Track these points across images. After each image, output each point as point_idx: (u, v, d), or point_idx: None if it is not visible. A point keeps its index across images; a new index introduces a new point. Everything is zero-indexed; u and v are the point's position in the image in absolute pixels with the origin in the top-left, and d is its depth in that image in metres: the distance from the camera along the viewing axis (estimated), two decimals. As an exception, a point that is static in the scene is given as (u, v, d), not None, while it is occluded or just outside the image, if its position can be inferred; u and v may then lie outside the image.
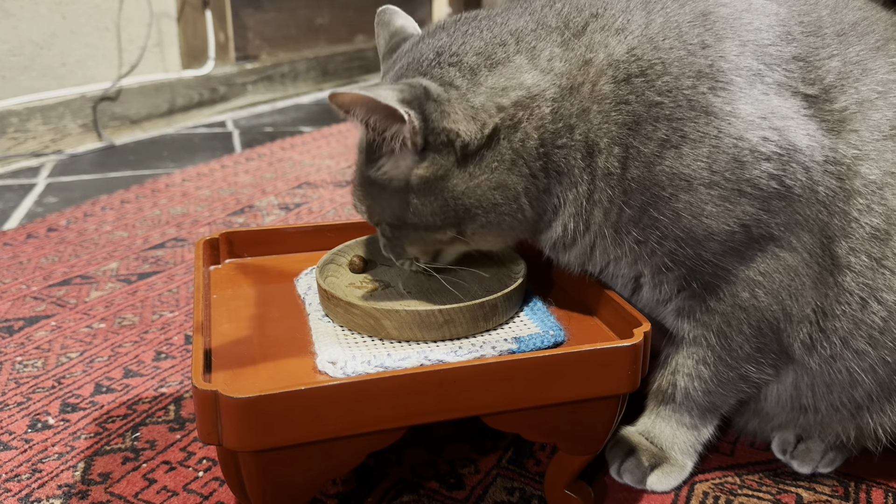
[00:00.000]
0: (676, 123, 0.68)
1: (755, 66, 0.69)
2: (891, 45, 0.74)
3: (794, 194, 0.69)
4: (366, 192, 0.74)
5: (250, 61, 2.91)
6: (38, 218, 1.69)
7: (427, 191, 0.70)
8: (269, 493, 0.63)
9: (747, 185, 0.68)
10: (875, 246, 0.71)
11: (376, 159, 0.71)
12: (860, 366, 0.75)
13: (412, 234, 0.74)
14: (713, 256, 0.72)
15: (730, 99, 0.68)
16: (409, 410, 0.62)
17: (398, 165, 0.70)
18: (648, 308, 0.79)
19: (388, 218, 0.74)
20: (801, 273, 0.72)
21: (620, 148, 0.69)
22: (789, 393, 0.81)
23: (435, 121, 0.67)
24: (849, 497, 0.83)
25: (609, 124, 0.69)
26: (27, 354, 1.10)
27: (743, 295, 0.73)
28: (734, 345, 0.76)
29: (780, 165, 0.68)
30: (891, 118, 0.71)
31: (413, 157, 0.69)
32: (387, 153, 0.70)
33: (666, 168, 0.68)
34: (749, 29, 0.70)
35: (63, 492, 0.82)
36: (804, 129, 0.69)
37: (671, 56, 0.68)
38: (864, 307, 0.73)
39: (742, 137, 0.67)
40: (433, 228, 0.72)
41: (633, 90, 0.68)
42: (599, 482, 0.84)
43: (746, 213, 0.69)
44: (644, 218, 0.71)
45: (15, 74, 2.13)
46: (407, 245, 0.76)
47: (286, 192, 1.85)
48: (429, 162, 0.69)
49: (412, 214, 0.72)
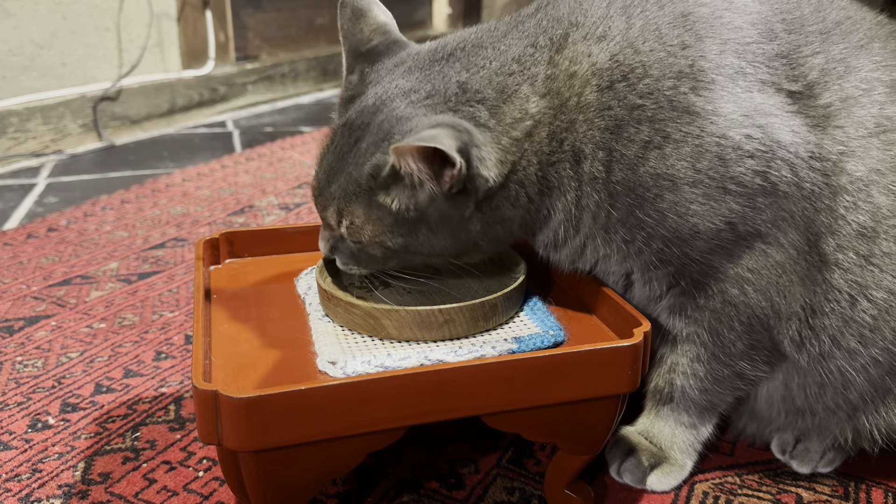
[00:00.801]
0: (658, 125, 0.68)
1: (737, 64, 0.69)
2: (874, 44, 0.74)
3: (779, 191, 0.69)
4: (359, 212, 0.70)
5: (250, 61, 2.91)
6: (38, 218, 1.69)
7: (446, 226, 0.70)
8: (269, 493, 0.63)
9: (731, 182, 0.68)
10: (862, 243, 0.71)
11: (396, 188, 0.68)
12: (852, 365, 0.75)
13: (408, 257, 0.73)
14: (700, 255, 0.72)
15: (711, 98, 0.68)
16: (409, 410, 0.62)
17: (417, 198, 0.68)
18: (642, 305, 0.79)
19: (388, 243, 0.71)
20: (788, 270, 0.72)
21: (604, 152, 0.69)
22: (782, 394, 0.81)
23: (475, 168, 0.66)
24: (849, 497, 0.83)
25: (593, 131, 0.69)
26: (27, 354, 1.10)
27: (732, 292, 0.73)
28: (727, 342, 0.76)
29: (765, 162, 0.68)
30: (875, 115, 0.71)
31: (441, 196, 0.67)
32: (406, 186, 0.67)
33: (650, 169, 0.68)
34: (730, 28, 0.70)
35: (63, 492, 0.82)
36: (788, 126, 0.69)
37: (651, 58, 0.68)
38: (854, 305, 0.73)
39: (725, 135, 0.67)
40: (434, 255, 0.72)
41: (616, 95, 0.68)
42: (599, 482, 0.84)
43: (732, 211, 0.69)
44: (630, 219, 0.71)
45: (15, 74, 2.13)
46: (390, 263, 0.74)
47: (286, 192, 1.85)
48: (461, 202, 0.68)
49: (421, 244, 0.71)
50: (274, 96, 2.98)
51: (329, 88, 3.24)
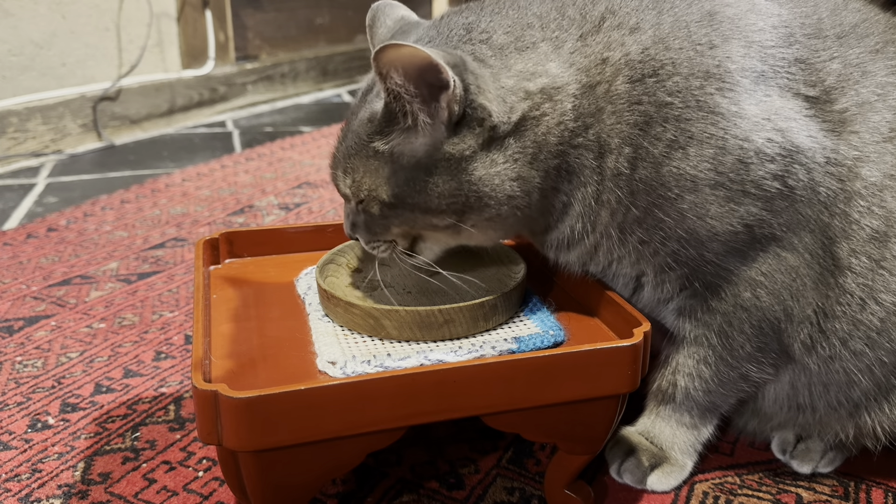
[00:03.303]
0: (685, 124, 0.68)
1: (759, 68, 0.69)
2: (889, 48, 0.74)
3: (796, 195, 0.70)
4: (359, 165, 0.70)
5: (250, 61, 2.91)
6: (38, 218, 1.69)
7: (445, 170, 0.67)
8: (269, 493, 0.63)
9: (752, 185, 0.68)
10: (874, 248, 0.72)
11: (390, 131, 0.67)
12: (857, 366, 0.75)
13: (406, 214, 0.70)
14: (716, 257, 0.72)
15: (736, 100, 0.68)
16: (409, 410, 0.62)
17: (416, 139, 0.67)
18: (649, 307, 0.79)
19: (384, 194, 0.70)
20: (802, 273, 0.72)
21: (631, 148, 0.69)
22: (786, 392, 0.81)
23: (473, 93, 0.65)
24: (849, 497, 0.83)
25: (622, 125, 0.69)
26: (27, 354, 1.10)
27: (745, 295, 0.73)
28: (735, 344, 0.76)
29: (784, 166, 0.68)
30: (890, 121, 0.71)
31: (439, 129, 0.66)
32: (406, 125, 0.66)
33: (673, 169, 0.68)
34: (753, 30, 0.70)
35: (63, 492, 0.82)
36: (806, 131, 0.69)
37: (681, 56, 0.68)
38: (863, 308, 0.73)
39: (747, 139, 0.67)
40: (434, 212, 0.69)
41: (646, 90, 0.68)
42: (599, 482, 0.84)
43: (750, 214, 0.69)
44: (649, 219, 0.70)
45: (15, 74, 2.13)
46: (389, 228, 0.73)
47: (286, 192, 1.85)
48: (458, 138, 0.66)
49: (417, 193, 0.68)
50: (274, 96, 2.98)
51: (329, 88, 3.24)
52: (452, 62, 0.64)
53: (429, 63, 0.62)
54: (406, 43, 0.61)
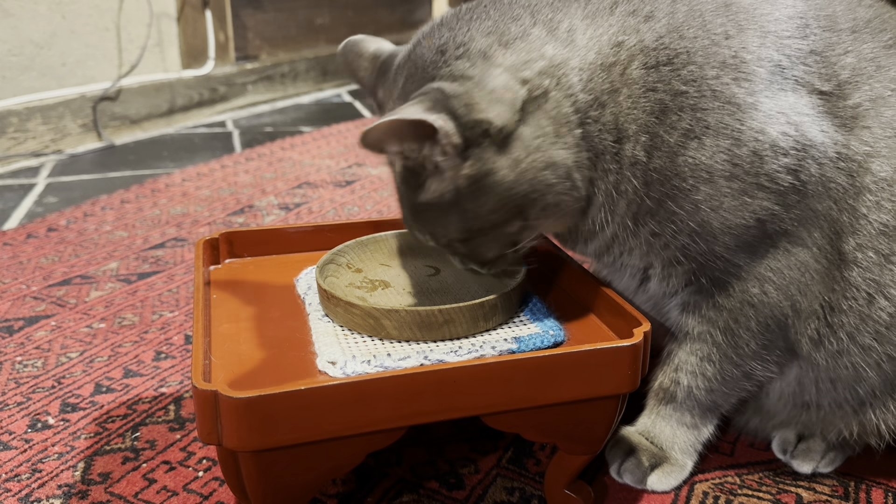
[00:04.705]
0: (700, 114, 0.67)
1: (776, 58, 0.69)
2: None
3: (808, 189, 0.70)
4: (423, 220, 0.71)
5: (250, 61, 2.91)
6: (38, 218, 1.69)
7: (478, 191, 0.67)
8: (269, 493, 0.63)
9: (766, 178, 0.68)
10: (883, 242, 0.72)
11: (422, 184, 0.68)
12: (865, 361, 0.75)
13: (483, 238, 0.71)
14: (726, 251, 0.72)
15: (752, 90, 0.68)
16: (409, 410, 0.62)
17: (444, 178, 0.67)
18: (654, 301, 0.79)
19: (455, 234, 0.70)
20: (810, 268, 0.72)
21: (647, 136, 0.68)
22: (792, 389, 0.81)
23: (463, 116, 0.64)
24: (849, 497, 0.83)
25: (637, 111, 0.68)
26: (27, 354, 1.10)
27: (753, 290, 0.73)
28: (741, 342, 0.76)
29: (797, 160, 0.68)
30: None
31: (456, 160, 0.66)
32: (430, 172, 0.67)
33: (689, 159, 0.68)
34: (769, 20, 0.70)
35: (63, 492, 0.82)
36: (819, 125, 0.69)
37: (696, 45, 0.68)
38: (871, 303, 0.73)
39: (763, 131, 0.67)
40: (500, 225, 0.69)
41: (661, 78, 0.68)
42: (599, 482, 0.84)
43: (763, 208, 0.69)
44: (661, 210, 0.70)
45: (15, 74, 2.13)
46: (485, 251, 0.73)
47: (286, 192, 1.85)
48: (473, 159, 0.66)
49: (476, 219, 0.69)
50: (274, 96, 2.98)
51: (329, 88, 3.24)
52: (430, 103, 0.63)
53: (407, 124, 0.62)
54: (380, 120, 0.61)
